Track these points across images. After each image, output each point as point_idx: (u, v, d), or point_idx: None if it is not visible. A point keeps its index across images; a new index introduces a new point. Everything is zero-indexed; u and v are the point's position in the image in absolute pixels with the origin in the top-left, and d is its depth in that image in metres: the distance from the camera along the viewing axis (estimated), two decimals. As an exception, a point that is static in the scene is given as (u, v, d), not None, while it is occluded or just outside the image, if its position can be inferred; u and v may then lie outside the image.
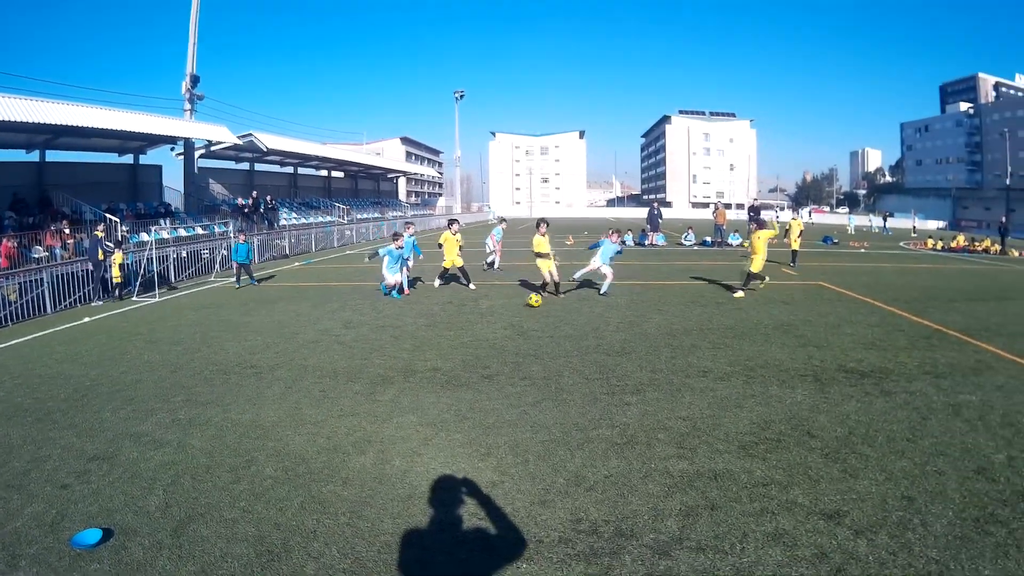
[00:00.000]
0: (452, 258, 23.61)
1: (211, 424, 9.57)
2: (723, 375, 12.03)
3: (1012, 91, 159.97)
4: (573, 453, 8.36)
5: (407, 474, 7.75)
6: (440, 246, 24.10)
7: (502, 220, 32.10)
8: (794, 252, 33.30)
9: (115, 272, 24.93)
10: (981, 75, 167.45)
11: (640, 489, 7.38)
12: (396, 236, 22.44)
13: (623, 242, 18.64)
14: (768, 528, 6.56)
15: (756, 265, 21.44)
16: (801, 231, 35.28)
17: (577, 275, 22.51)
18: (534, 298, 19.12)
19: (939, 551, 6.19)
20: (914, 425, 9.70)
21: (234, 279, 26.04)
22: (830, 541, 6.34)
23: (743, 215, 60.60)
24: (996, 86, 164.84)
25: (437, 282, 23.91)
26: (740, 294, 20.97)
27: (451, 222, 24.86)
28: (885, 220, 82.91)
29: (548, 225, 21.55)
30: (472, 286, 23.07)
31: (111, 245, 25.11)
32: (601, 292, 21.31)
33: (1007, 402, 10.80)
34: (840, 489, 7.46)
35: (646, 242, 45.61)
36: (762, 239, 21.67)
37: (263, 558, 5.97)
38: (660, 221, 46.93)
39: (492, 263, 29.98)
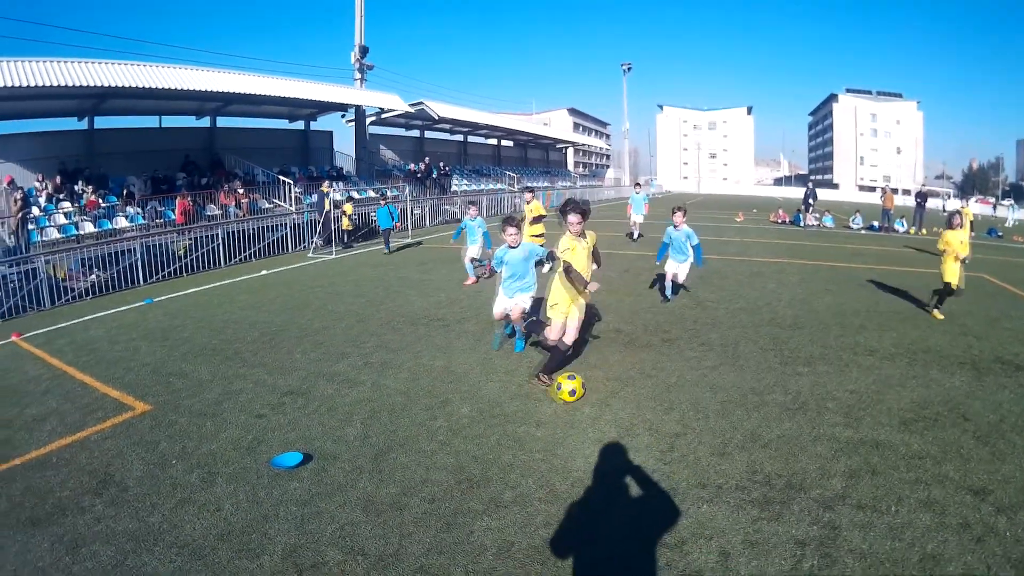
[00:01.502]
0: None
1: (404, 368, 10.27)
2: (888, 355, 12.14)
3: None
4: (749, 413, 8.83)
5: (597, 421, 8.30)
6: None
7: (637, 185, 31.50)
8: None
9: (345, 223, 27.88)
10: None
11: (810, 450, 7.82)
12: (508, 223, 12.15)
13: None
14: (921, 496, 6.87)
15: (949, 274, 15.32)
16: (971, 221, 32.79)
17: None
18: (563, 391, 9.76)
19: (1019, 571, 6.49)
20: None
21: (382, 245, 26.51)
22: (974, 514, 6.57)
23: (909, 201, 58.40)
24: None
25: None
26: (939, 315, 15.51)
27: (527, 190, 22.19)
28: None
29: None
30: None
31: (340, 199, 26.94)
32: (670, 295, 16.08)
33: None
34: (988, 469, 7.66)
35: (801, 223, 44.47)
36: (953, 242, 15.40)
37: (463, 485, 6.57)
38: (812, 203, 45.92)
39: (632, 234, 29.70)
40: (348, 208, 28.59)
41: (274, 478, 6.75)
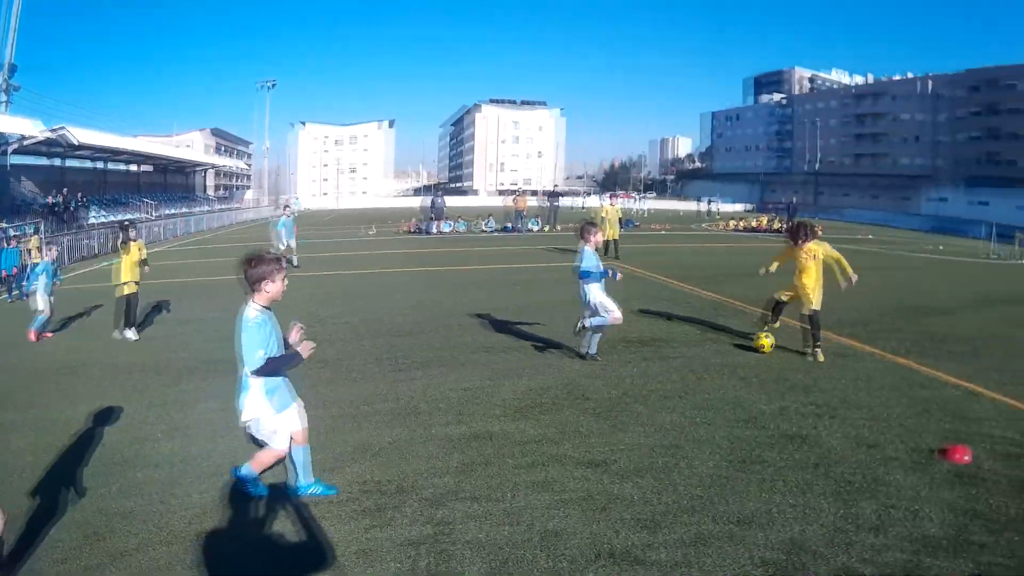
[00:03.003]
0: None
1: (27, 426, 9.65)
2: (505, 349, 12.99)
3: (827, 84, 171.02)
4: (360, 425, 9.10)
5: (211, 454, 8.27)
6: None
7: (286, 207, 30.59)
8: (614, 242, 30.51)
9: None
10: (797, 68, 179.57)
11: (420, 452, 8.18)
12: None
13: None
14: (538, 478, 7.40)
15: (813, 297, 12.60)
16: (621, 219, 33.78)
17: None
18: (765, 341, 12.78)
19: (704, 489, 7.09)
20: (688, 385, 10.79)
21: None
22: (596, 486, 7.16)
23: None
24: (812, 79, 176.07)
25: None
26: (820, 356, 12.39)
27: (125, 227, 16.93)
28: (710, 205, 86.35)
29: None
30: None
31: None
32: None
33: (783, 361, 12.09)
34: (609, 442, 8.38)
35: (432, 230, 46.49)
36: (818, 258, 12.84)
37: (90, 539, 6.34)
38: (444, 209, 48.37)
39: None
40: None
41: None
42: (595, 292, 11.82)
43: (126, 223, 18.65)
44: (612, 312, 11.78)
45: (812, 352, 12.42)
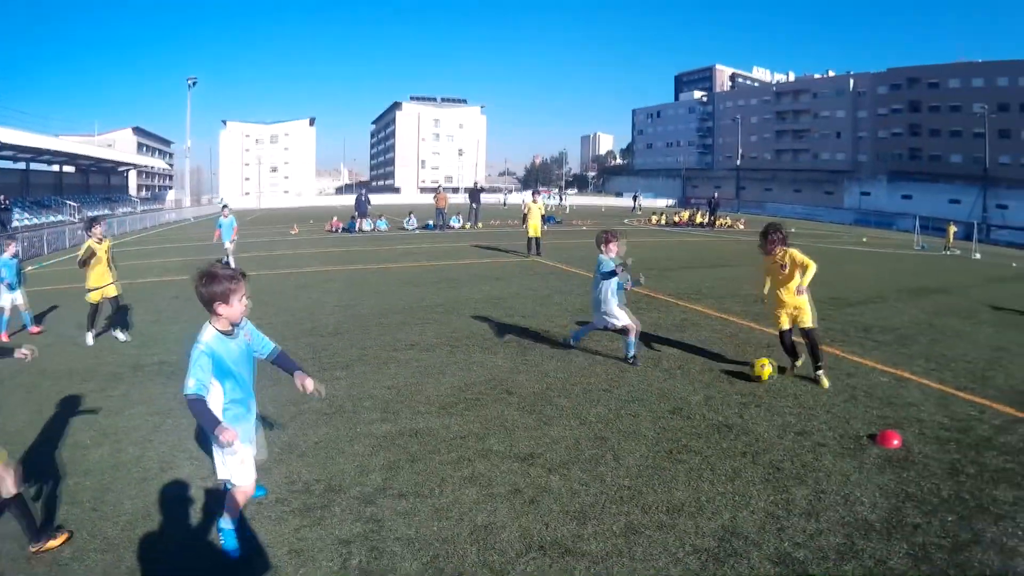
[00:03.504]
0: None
1: None
2: (428, 347, 13.10)
3: (749, 81, 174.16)
4: (286, 425, 9.09)
5: (140, 459, 8.20)
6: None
7: (224, 207, 30.45)
8: (536, 240, 30.16)
9: None
10: (719, 66, 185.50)
11: (347, 451, 8.27)
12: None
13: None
14: (465, 473, 7.56)
15: (804, 312, 11.34)
16: (543, 216, 32.82)
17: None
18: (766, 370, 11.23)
19: (632, 479, 7.30)
20: (612, 377, 11.02)
21: None
22: (524, 479, 7.33)
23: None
24: (733, 76, 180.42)
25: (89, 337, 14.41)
26: (824, 381, 11.04)
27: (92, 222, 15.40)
28: (635, 200, 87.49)
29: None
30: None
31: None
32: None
33: (707, 352, 12.44)
34: (535, 436, 8.56)
35: (355, 228, 46.65)
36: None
37: (26, 551, 6.24)
38: (368, 207, 48.45)
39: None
40: None
41: None
42: (610, 298, 11.87)
43: (93, 217, 16.73)
44: (620, 321, 11.85)
45: (815, 375, 11.08)
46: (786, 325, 11.28)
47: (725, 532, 6.17)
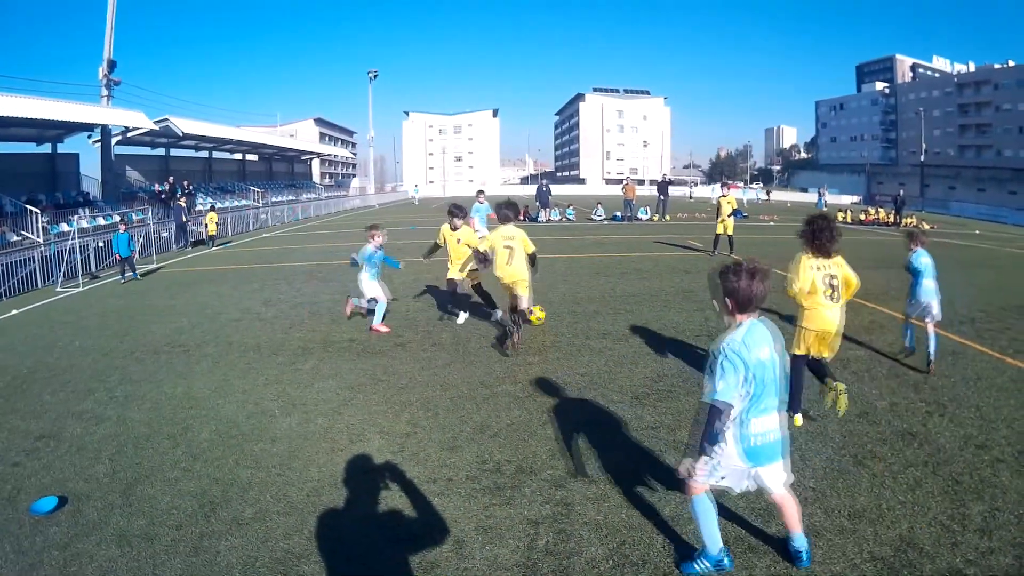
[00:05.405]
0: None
1: (147, 399, 9.97)
2: (621, 337, 12.84)
3: (929, 72, 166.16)
4: (479, 406, 9.14)
5: (329, 431, 8.42)
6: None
7: (479, 192, 28.33)
8: (729, 237, 26.04)
9: (212, 228, 33.70)
10: (898, 56, 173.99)
11: (539, 434, 8.19)
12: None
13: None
14: (655, 464, 7.38)
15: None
16: (734, 211, 27.88)
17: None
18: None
19: (816, 481, 6.92)
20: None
21: (119, 275, 24.41)
22: None
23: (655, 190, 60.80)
24: (913, 67, 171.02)
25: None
26: (797, 420, 8.94)
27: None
28: (820, 195, 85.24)
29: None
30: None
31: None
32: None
33: (895, 357, 11.73)
34: None
35: (540, 219, 45.91)
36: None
37: (206, 508, 6.53)
38: (550, 198, 47.39)
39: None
40: (213, 216, 34.56)
41: (35, 525, 6.46)
42: (929, 293, 11.25)
43: (455, 206, 15.32)
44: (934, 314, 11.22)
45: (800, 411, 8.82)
46: (827, 354, 8.82)
47: (902, 542, 5.79)
